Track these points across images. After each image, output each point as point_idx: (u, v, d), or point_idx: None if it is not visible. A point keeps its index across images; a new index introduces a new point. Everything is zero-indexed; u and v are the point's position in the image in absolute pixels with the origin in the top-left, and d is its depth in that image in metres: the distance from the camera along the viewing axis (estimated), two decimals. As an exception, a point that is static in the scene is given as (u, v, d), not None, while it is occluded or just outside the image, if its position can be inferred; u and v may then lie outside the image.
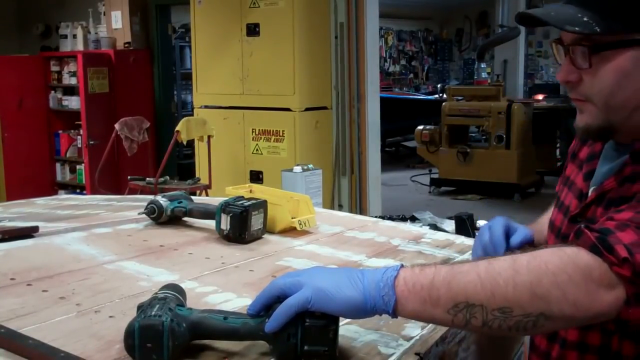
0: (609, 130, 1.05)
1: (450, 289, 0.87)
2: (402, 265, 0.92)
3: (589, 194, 1.11)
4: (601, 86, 1.02)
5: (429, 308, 0.88)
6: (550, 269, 0.85)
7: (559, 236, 1.15)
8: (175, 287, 1.02)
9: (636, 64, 1.00)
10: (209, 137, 5.37)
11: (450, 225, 2.79)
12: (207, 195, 5.19)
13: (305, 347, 0.90)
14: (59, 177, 7.16)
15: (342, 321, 0.94)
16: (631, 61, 1.00)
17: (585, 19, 0.99)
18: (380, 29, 12.78)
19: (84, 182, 6.83)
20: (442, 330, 1.07)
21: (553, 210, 1.24)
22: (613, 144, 1.11)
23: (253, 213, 1.55)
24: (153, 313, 0.91)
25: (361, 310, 0.90)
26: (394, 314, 0.90)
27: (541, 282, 0.85)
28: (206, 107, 5.76)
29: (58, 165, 7.14)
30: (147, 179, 5.37)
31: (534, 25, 1.11)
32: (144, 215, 1.69)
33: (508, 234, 1.25)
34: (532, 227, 1.32)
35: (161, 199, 1.68)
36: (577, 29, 0.99)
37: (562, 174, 1.26)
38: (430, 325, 1.08)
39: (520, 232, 1.26)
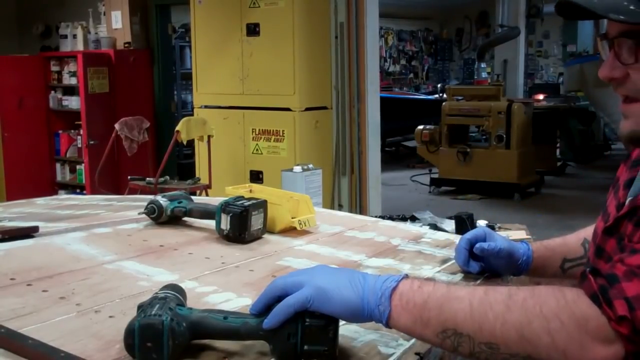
0: None
1: (441, 313, 0.86)
2: (405, 276, 0.91)
3: (625, 205, 1.01)
4: None
5: (419, 328, 0.88)
6: (544, 313, 0.82)
7: (595, 247, 1.07)
8: (175, 287, 1.02)
9: None
10: (209, 137, 5.37)
11: (450, 225, 2.79)
12: (207, 195, 5.19)
13: (305, 347, 0.90)
14: (59, 177, 7.16)
15: (342, 321, 0.94)
16: None
17: (631, 7, 0.89)
18: (380, 28, 12.78)
19: (84, 182, 6.83)
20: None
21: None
22: None
23: (253, 213, 1.55)
24: (153, 312, 0.91)
25: (358, 315, 0.90)
26: (387, 325, 0.90)
27: (531, 324, 0.82)
28: (206, 107, 5.76)
29: (58, 165, 7.14)
30: (147, 179, 5.37)
31: (572, 18, 1.02)
32: (143, 215, 1.69)
33: (485, 240, 1.28)
34: (539, 245, 1.30)
35: (161, 199, 1.68)
36: (622, 17, 0.89)
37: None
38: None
39: (490, 243, 1.27)
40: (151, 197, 1.77)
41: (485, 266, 1.33)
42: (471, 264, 1.32)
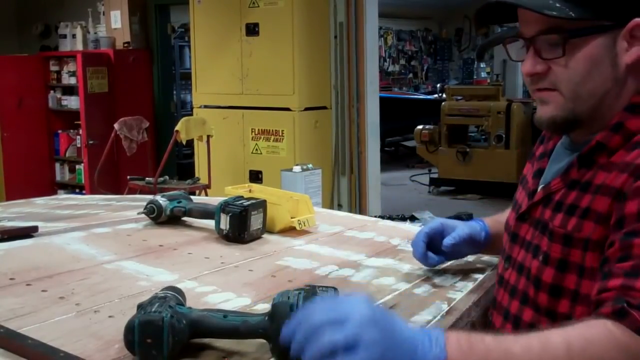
0: (573, 121, 1.04)
1: None
2: (446, 335, 0.84)
3: (537, 192, 1.10)
4: (571, 75, 1.01)
5: None
6: None
7: (510, 234, 1.15)
8: (174, 289, 1.02)
9: (605, 52, 0.99)
10: (208, 136, 5.37)
11: (449, 224, 2.79)
12: (206, 195, 5.19)
13: (305, 346, 0.90)
14: (58, 177, 7.16)
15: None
16: (601, 49, 0.99)
17: (557, 4, 0.98)
18: (380, 28, 12.77)
19: (83, 181, 6.82)
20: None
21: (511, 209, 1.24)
22: (565, 142, 1.11)
23: (252, 213, 1.55)
24: (153, 310, 0.91)
25: None
26: None
27: None
28: (205, 106, 5.76)
29: (57, 165, 7.14)
30: (147, 178, 5.37)
31: (495, 22, 1.10)
32: (143, 215, 1.69)
33: (442, 235, 1.31)
34: (492, 221, 1.37)
35: (160, 199, 1.68)
36: (554, 13, 0.97)
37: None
38: (430, 325, 1.09)
39: (453, 235, 1.30)
40: (150, 197, 1.77)
41: (447, 256, 1.35)
42: (430, 256, 1.33)
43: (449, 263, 1.40)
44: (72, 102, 6.85)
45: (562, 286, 1.00)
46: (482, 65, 10.12)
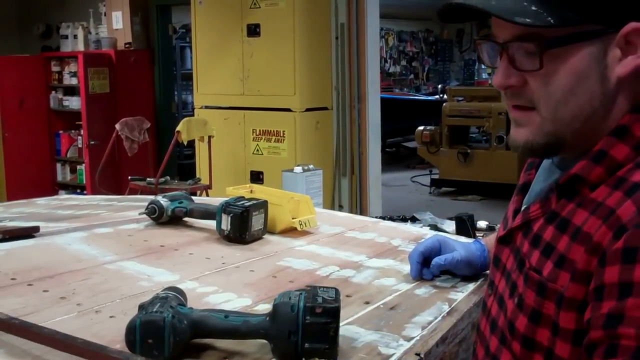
0: (554, 146, 0.88)
1: None
2: None
3: (518, 215, 0.97)
4: (551, 91, 0.84)
5: None
6: None
7: (493, 256, 1.03)
8: (176, 289, 1.02)
9: (593, 63, 0.83)
10: (209, 137, 5.37)
11: (450, 226, 2.79)
12: (207, 195, 5.19)
13: (306, 345, 0.90)
14: (59, 177, 7.16)
15: (343, 321, 0.94)
16: (588, 60, 0.83)
17: (533, 7, 0.81)
18: (381, 29, 12.78)
19: (84, 182, 6.83)
20: (442, 330, 1.07)
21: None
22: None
23: (253, 213, 1.55)
24: (155, 310, 0.92)
25: None
26: None
27: None
28: (207, 107, 5.76)
29: (58, 165, 7.14)
30: (148, 179, 5.37)
31: (459, 20, 0.91)
32: (144, 216, 1.69)
33: (439, 252, 1.31)
34: (493, 240, 1.22)
35: (162, 199, 1.69)
36: (528, 20, 0.81)
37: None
38: (431, 325, 1.09)
39: (446, 256, 1.29)
40: (152, 197, 1.77)
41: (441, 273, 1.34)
42: (424, 272, 1.33)
43: None
44: (74, 103, 6.85)
45: (535, 340, 0.87)
46: (483, 66, 10.11)
